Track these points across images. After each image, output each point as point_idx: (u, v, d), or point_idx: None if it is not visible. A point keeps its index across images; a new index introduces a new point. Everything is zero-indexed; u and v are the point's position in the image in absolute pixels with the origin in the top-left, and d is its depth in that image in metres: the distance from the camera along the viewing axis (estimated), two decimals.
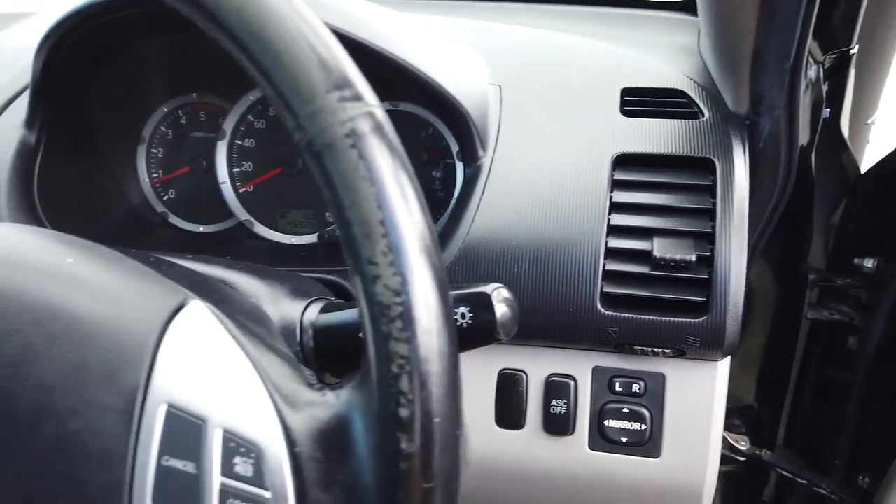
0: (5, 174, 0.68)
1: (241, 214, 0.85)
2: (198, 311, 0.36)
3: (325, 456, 0.31)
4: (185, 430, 0.32)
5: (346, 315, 0.50)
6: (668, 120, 0.69)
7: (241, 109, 0.84)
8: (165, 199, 0.87)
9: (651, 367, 0.63)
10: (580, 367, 0.64)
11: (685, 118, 0.69)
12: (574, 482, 0.65)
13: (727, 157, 0.64)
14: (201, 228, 0.86)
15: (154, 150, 0.86)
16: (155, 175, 0.87)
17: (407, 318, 0.30)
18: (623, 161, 0.66)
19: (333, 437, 0.32)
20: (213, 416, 0.32)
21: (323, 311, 0.51)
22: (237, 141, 0.85)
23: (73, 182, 0.77)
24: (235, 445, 0.32)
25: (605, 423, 0.63)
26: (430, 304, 0.31)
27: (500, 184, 0.67)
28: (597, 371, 0.64)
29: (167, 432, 0.32)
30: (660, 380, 0.63)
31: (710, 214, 0.61)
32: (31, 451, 0.32)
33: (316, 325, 0.50)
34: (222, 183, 0.84)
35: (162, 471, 0.31)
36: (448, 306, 0.31)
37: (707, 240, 0.60)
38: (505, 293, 0.44)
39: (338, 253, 0.83)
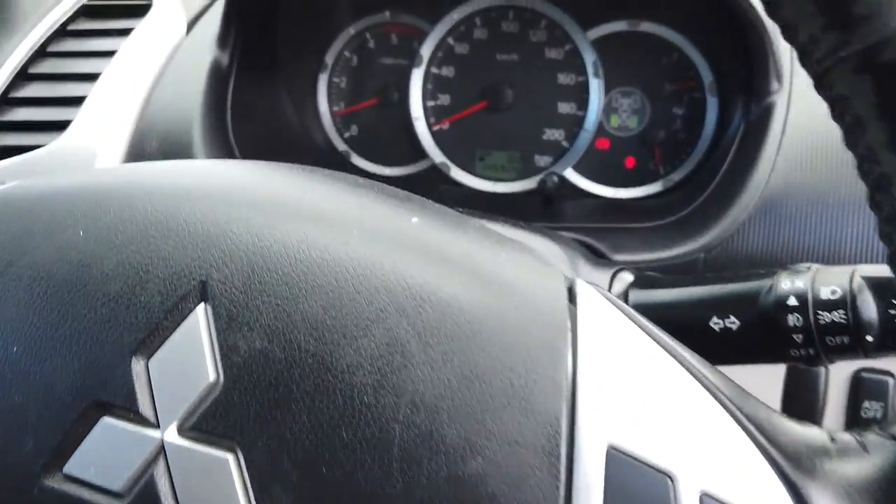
0: (198, 97, 0.59)
1: (436, 156, 0.74)
2: (593, 297, 0.26)
3: None
4: (641, 486, 0.22)
5: (672, 294, 0.39)
6: None
7: (442, 32, 0.72)
8: (347, 137, 0.77)
9: None
10: None
11: None
12: None
13: None
14: (388, 171, 0.76)
15: (336, 80, 0.77)
16: (336, 108, 0.77)
17: None
18: None
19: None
20: (682, 471, 0.22)
21: (637, 285, 0.41)
22: (434, 69, 0.74)
23: (261, 112, 0.68)
24: None
25: None
26: None
27: (805, 122, 0.53)
28: None
29: (614, 485, 0.22)
30: None
31: None
32: (411, 501, 0.22)
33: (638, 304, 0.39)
34: (416, 119, 0.74)
35: None
36: None
37: None
38: None
39: (555, 204, 0.73)
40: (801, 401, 0.53)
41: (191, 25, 0.64)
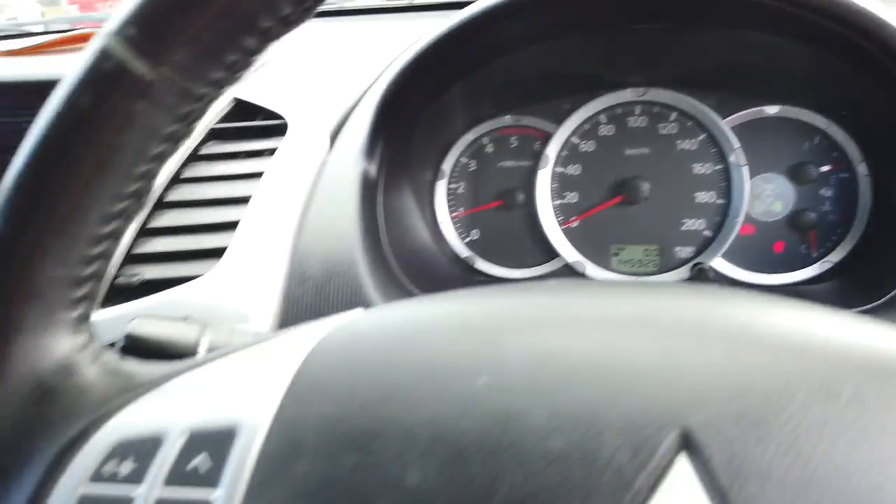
0: (354, 212, 0.56)
1: (569, 255, 0.71)
2: None
3: None
4: None
5: None
6: None
7: (567, 132, 0.71)
8: (469, 241, 0.75)
9: None
10: None
11: None
12: None
13: None
14: (517, 273, 0.73)
15: (453, 186, 0.75)
16: (455, 213, 0.75)
17: None
18: None
19: None
20: None
21: None
22: (559, 168, 0.72)
23: (403, 221, 0.65)
24: None
25: None
26: None
27: None
28: None
29: None
30: None
31: None
32: None
33: None
34: (544, 219, 0.71)
35: None
36: None
37: None
38: None
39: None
40: None
41: (333, 139, 0.62)
